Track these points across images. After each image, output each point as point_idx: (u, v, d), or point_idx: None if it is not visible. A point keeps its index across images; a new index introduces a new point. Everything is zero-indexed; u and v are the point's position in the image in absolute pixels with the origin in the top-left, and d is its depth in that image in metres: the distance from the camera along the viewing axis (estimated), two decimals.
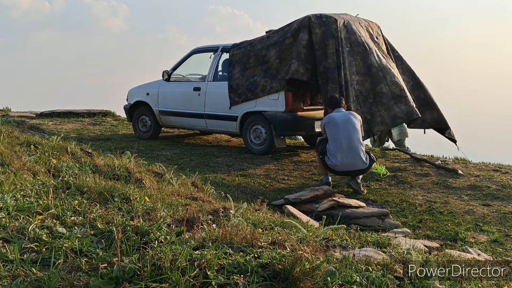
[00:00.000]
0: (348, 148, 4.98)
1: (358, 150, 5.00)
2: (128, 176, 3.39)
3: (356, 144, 5.00)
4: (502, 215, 4.43)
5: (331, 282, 1.81)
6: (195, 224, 2.30)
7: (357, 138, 5.03)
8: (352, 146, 4.98)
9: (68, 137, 5.54)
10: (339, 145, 4.99)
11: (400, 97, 6.15)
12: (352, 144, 4.99)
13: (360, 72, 6.10)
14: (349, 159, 4.97)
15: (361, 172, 5.10)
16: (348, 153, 4.97)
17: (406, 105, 6.13)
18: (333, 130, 5.06)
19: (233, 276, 1.72)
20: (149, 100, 7.84)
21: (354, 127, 5.05)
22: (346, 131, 5.02)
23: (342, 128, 5.03)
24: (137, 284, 1.63)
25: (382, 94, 6.10)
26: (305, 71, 6.19)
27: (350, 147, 4.98)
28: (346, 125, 5.04)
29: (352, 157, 4.98)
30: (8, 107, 9.90)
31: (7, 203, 2.21)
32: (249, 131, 6.79)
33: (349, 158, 4.97)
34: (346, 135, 5.01)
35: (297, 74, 6.17)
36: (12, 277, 1.63)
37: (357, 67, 6.11)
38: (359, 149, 5.00)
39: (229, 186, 4.85)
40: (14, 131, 4.44)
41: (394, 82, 6.19)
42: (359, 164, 5.02)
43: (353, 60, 6.12)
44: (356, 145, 5.00)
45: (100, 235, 2.03)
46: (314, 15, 6.31)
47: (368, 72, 6.12)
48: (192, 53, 7.64)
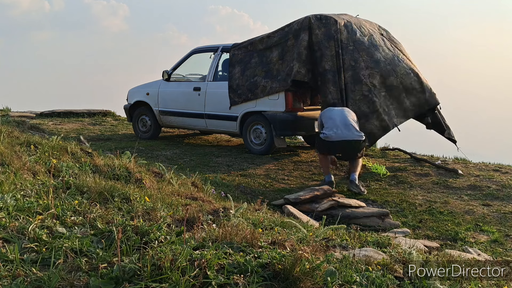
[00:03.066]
0: (343, 124, 5.25)
1: (352, 126, 5.27)
2: (128, 176, 3.39)
3: (350, 122, 5.28)
4: (502, 215, 4.43)
5: (331, 282, 1.81)
6: (195, 224, 2.30)
7: (352, 119, 5.33)
8: (346, 123, 5.26)
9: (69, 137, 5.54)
10: (334, 122, 5.28)
11: (412, 89, 6.30)
12: (347, 122, 5.27)
13: (369, 66, 6.10)
14: (344, 131, 5.21)
15: (356, 148, 5.23)
16: (343, 127, 5.23)
17: (416, 97, 6.31)
18: (329, 114, 5.39)
19: (233, 276, 1.72)
20: (149, 100, 7.84)
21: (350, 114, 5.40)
22: (341, 113, 5.36)
23: (337, 112, 5.39)
24: (137, 284, 1.63)
25: (393, 87, 6.15)
26: (307, 72, 6.19)
27: (345, 123, 5.26)
28: (341, 111, 5.43)
29: (346, 129, 5.23)
30: (8, 107, 9.91)
31: (7, 203, 2.21)
32: (249, 131, 6.79)
33: (343, 130, 5.22)
34: (341, 116, 5.32)
35: (299, 75, 6.17)
36: (12, 277, 1.63)
37: (365, 62, 6.11)
38: (353, 126, 5.27)
39: (229, 186, 4.85)
40: (14, 131, 4.44)
41: (405, 74, 6.25)
42: (354, 134, 5.21)
43: (360, 57, 6.11)
44: (350, 123, 5.28)
45: (100, 235, 2.03)
46: (314, 16, 6.31)
47: (377, 66, 6.13)
48: (192, 53, 7.64)
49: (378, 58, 6.18)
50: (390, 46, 6.54)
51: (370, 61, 6.12)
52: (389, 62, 6.27)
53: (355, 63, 6.06)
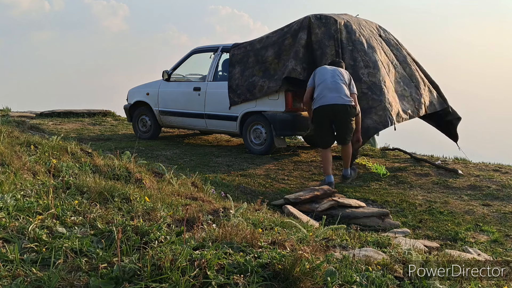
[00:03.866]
0: (334, 87, 5.23)
1: (343, 89, 5.23)
2: (128, 176, 3.39)
3: (341, 85, 5.26)
4: (502, 215, 4.43)
5: (331, 282, 1.81)
6: (195, 224, 2.30)
7: (343, 82, 5.27)
8: (337, 86, 5.24)
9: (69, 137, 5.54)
10: (325, 84, 5.25)
11: (409, 91, 6.32)
12: (338, 85, 5.25)
13: (368, 65, 6.10)
14: (334, 93, 5.20)
15: (346, 114, 5.20)
16: (333, 89, 5.21)
17: (413, 100, 6.30)
18: (320, 75, 5.35)
19: (233, 276, 1.72)
20: (149, 100, 7.84)
21: (342, 77, 5.31)
22: (333, 76, 5.30)
23: (329, 74, 5.32)
24: (137, 284, 1.63)
25: (391, 87, 6.15)
26: (302, 70, 6.18)
27: (336, 87, 5.24)
28: (334, 72, 5.35)
29: (337, 91, 5.21)
30: (8, 107, 9.91)
31: (7, 203, 2.21)
32: (249, 131, 6.79)
33: (333, 92, 5.21)
34: (332, 78, 5.28)
35: (294, 72, 6.17)
36: (12, 277, 1.63)
37: (364, 62, 6.11)
38: (344, 88, 5.23)
39: (229, 186, 4.85)
40: (14, 131, 4.44)
41: (397, 82, 6.25)
42: (344, 98, 5.19)
43: (359, 56, 6.11)
44: (341, 85, 5.24)
45: (100, 235, 2.03)
46: (314, 16, 6.31)
47: (375, 66, 6.13)
48: (192, 53, 7.64)
49: (377, 58, 6.19)
50: (388, 46, 6.54)
51: (369, 61, 6.12)
52: (388, 63, 6.28)
53: (354, 62, 6.07)
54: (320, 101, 5.23)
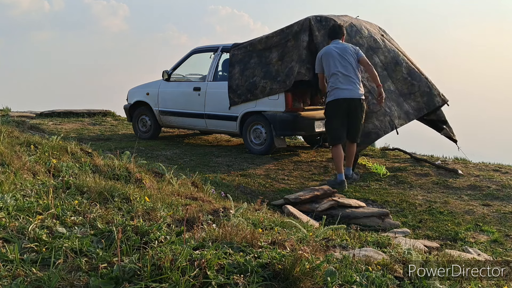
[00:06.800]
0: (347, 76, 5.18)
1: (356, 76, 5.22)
2: (128, 176, 3.39)
3: (353, 70, 5.21)
4: (502, 215, 4.43)
5: (331, 282, 1.81)
6: (195, 224, 2.30)
7: (353, 64, 5.22)
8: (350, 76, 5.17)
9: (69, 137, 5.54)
10: (337, 77, 5.20)
11: (408, 94, 6.27)
12: (350, 73, 5.18)
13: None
14: (349, 85, 5.17)
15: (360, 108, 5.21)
16: (347, 80, 5.18)
17: (415, 101, 6.27)
18: (328, 62, 5.25)
19: (233, 276, 1.72)
20: (149, 100, 7.84)
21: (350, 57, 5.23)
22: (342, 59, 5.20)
23: (337, 59, 5.21)
24: (137, 284, 1.63)
25: (390, 91, 6.13)
26: (307, 71, 6.19)
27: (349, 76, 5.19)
28: (342, 54, 5.23)
29: (350, 82, 5.18)
30: (8, 107, 9.91)
31: (7, 203, 2.21)
32: (249, 131, 6.79)
33: (348, 84, 5.18)
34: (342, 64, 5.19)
35: (300, 75, 6.19)
36: (12, 277, 1.63)
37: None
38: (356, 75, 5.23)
39: (229, 186, 4.85)
40: (14, 131, 4.44)
41: (402, 79, 6.23)
42: (359, 91, 5.20)
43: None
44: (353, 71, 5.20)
45: (100, 235, 2.03)
46: (314, 18, 6.31)
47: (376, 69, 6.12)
48: (192, 53, 7.64)
49: (377, 61, 6.18)
50: (390, 49, 6.53)
51: None
52: (388, 65, 6.26)
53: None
54: (336, 94, 5.18)
